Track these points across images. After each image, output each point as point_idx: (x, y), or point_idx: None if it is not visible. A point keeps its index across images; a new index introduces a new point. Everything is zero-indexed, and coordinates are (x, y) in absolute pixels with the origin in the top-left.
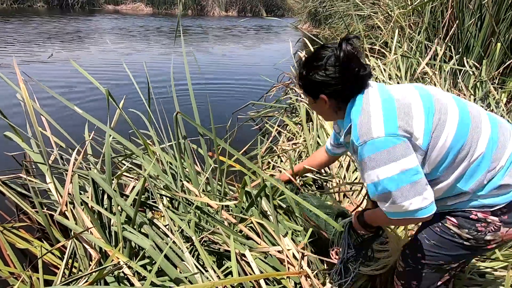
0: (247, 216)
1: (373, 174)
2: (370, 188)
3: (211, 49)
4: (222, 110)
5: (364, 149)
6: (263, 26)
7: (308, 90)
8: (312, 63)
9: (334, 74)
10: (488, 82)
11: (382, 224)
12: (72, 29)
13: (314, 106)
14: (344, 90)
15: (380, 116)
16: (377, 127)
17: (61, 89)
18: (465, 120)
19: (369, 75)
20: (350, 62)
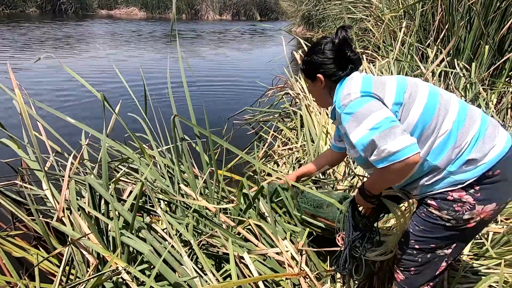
0: (245, 218)
1: (358, 130)
2: (358, 146)
3: (205, 53)
4: (217, 115)
5: (345, 111)
6: (257, 30)
7: (308, 72)
8: (313, 49)
9: (330, 55)
10: (477, 83)
11: (379, 185)
12: (64, 35)
13: (312, 89)
14: (337, 71)
15: (358, 84)
16: (354, 91)
17: (55, 92)
18: (433, 101)
19: (358, 59)
20: (343, 46)
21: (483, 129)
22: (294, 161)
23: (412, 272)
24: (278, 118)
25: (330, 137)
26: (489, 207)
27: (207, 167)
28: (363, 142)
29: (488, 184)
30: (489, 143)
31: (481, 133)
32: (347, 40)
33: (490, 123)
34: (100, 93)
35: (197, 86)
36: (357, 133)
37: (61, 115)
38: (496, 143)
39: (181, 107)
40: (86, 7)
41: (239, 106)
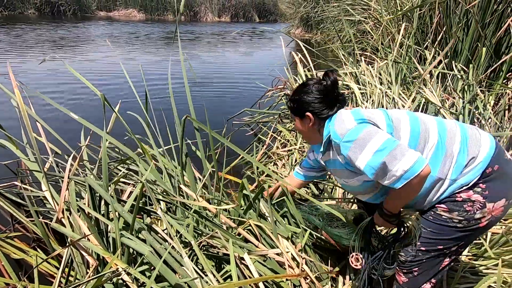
0: (245, 219)
1: (363, 155)
2: (368, 170)
3: (204, 55)
4: (216, 116)
5: (345, 140)
6: (256, 31)
7: (296, 110)
8: (301, 89)
9: (318, 95)
10: (475, 85)
11: (399, 203)
12: (62, 36)
13: (301, 127)
14: (325, 109)
15: (350, 115)
16: (349, 121)
17: (55, 94)
18: (415, 122)
19: (344, 100)
20: (332, 87)
21: (465, 135)
22: (294, 163)
23: (416, 273)
24: (278, 119)
25: None
26: (500, 203)
27: (208, 168)
28: (372, 165)
29: (492, 180)
30: (476, 145)
31: (465, 138)
32: (336, 82)
33: (468, 128)
34: (100, 93)
35: (196, 87)
36: (363, 158)
37: (64, 110)
38: (482, 142)
39: (181, 108)
40: (85, 9)
41: (238, 108)
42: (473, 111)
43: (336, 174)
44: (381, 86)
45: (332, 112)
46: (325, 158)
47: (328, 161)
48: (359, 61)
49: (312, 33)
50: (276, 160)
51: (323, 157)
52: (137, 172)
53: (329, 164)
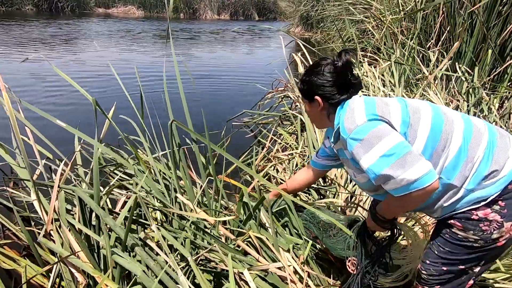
0: (245, 230)
1: (368, 157)
2: (370, 173)
3: (203, 54)
4: (216, 117)
5: (352, 137)
6: (256, 30)
7: (305, 93)
8: (312, 70)
9: (330, 78)
10: (480, 88)
11: (395, 211)
12: (57, 33)
13: (310, 110)
14: (336, 94)
15: (362, 108)
16: (360, 116)
17: (47, 93)
18: (438, 118)
19: (359, 84)
20: (344, 69)
21: (493, 141)
22: (294, 167)
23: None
24: (278, 122)
25: None
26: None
27: (205, 173)
28: (375, 170)
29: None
30: (503, 155)
31: (492, 146)
32: (351, 64)
33: (499, 134)
34: (92, 98)
35: (195, 87)
36: (367, 159)
37: (50, 117)
38: (510, 154)
39: (178, 110)
40: (83, 6)
41: (238, 109)
42: (478, 114)
43: (346, 165)
44: (384, 88)
45: (343, 97)
46: (337, 146)
47: (340, 150)
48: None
49: (312, 32)
50: (277, 164)
51: (335, 145)
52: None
53: (341, 153)
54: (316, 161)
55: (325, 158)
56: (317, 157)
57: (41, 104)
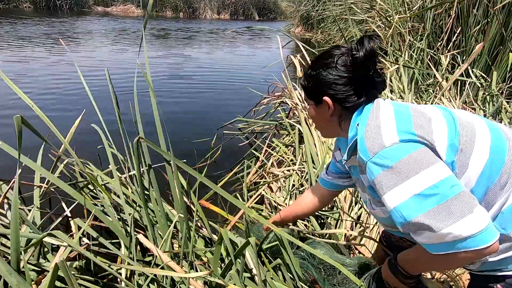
0: (223, 283)
1: (396, 194)
2: (396, 215)
3: (198, 54)
4: (207, 123)
5: (375, 163)
6: (255, 30)
7: (311, 92)
8: (321, 61)
9: (345, 73)
10: (499, 95)
11: (425, 268)
12: (47, 32)
13: (315, 115)
14: (352, 95)
15: (392, 121)
16: (388, 133)
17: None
18: (499, 140)
19: (383, 83)
20: (366, 63)
21: None
22: (291, 187)
23: None
24: (274, 131)
25: None
26: None
27: (181, 201)
28: (405, 214)
29: None
30: None
31: None
32: (375, 54)
33: None
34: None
35: (185, 91)
36: (395, 196)
37: None
38: None
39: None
40: (82, 4)
41: (231, 114)
42: None
43: (360, 188)
44: (391, 94)
45: (362, 100)
46: (350, 163)
47: (353, 168)
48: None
49: (313, 32)
50: (271, 182)
51: (347, 162)
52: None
53: (354, 172)
54: (326, 179)
55: (337, 176)
56: (327, 174)
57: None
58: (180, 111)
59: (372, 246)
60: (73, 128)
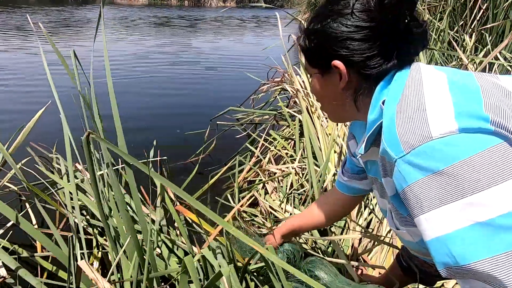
0: None
1: (441, 219)
2: (436, 250)
3: (196, 42)
4: (201, 113)
5: (412, 164)
6: (260, 17)
7: (315, 55)
8: (330, 7)
9: (365, 22)
10: None
11: None
12: (41, 21)
13: (321, 88)
14: (375, 56)
15: (447, 99)
16: (441, 117)
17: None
18: None
19: (423, 38)
20: (400, 4)
21: None
22: (288, 189)
23: None
24: (272, 122)
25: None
26: None
27: (157, 207)
28: (457, 250)
29: None
30: None
31: None
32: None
33: None
34: None
35: (182, 79)
36: (443, 220)
37: None
38: None
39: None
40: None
41: (228, 103)
42: None
43: (377, 191)
44: None
45: (390, 65)
46: (367, 156)
47: (371, 163)
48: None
49: None
50: (267, 181)
51: (364, 156)
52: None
53: (372, 169)
54: (342, 181)
55: (355, 176)
56: (343, 174)
57: None
58: (173, 101)
59: (383, 259)
60: (31, 122)
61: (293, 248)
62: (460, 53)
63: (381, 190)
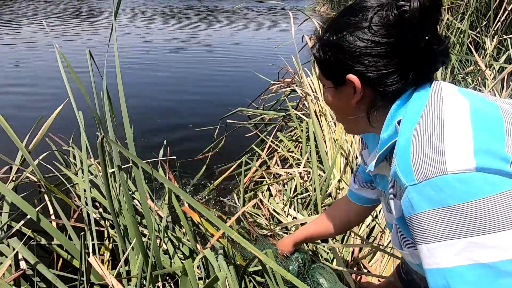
0: None
1: (444, 252)
2: (435, 281)
3: (213, 37)
4: (210, 111)
5: (422, 194)
6: (278, 9)
7: (329, 68)
8: (346, 19)
9: (384, 37)
10: None
11: None
12: (47, 10)
13: (334, 101)
14: (392, 74)
15: (467, 131)
16: (459, 151)
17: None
18: None
19: (444, 55)
20: (422, 20)
21: None
22: (292, 192)
23: None
24: (281, 123)
25: (354, 165)
26: None
27: (162, 205)
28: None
29: None
30: None
31: None
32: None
33: None
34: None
35: (195, 74)
36: (446, 254)
37: None
38: None
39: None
40: None
41: (240, 100)
42: None
43: (384, 204)
44: None
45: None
46: (378, 171)
47: (381, 177)
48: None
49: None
50: (271, 183)
51: (374, 170)
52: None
53: (381, 182)
54: (354, 190)
55: (367, 185)
56: (355, 183)
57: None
58: (184, 97)
59: (383, 267)
60: (50, 119)
61: (304, 257)
62: (477, 58)
63: (388, 205)
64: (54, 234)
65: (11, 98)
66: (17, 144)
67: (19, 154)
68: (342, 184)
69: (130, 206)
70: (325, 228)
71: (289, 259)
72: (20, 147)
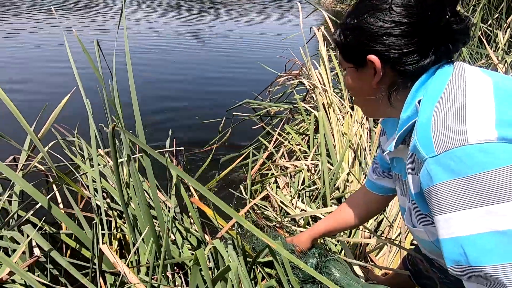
0: None
1: (461, 221)
2: (450, 249)
3: (214, 26)
4: (217, 103)
5: (441, 165)
6: (282, 1)
7: (350, 50)
8: (368, 2)
9: (404, 17)
10: None
11: None
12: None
13: (354, 83)
14: (413, 53)
15: (489, 105)
16: (480, 123)
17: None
18: None
19: (465, 34)
20: (441, 1)
21: None
22: (299, 185)
23: None
24: (288, 115)
25: (363, 159)
26: None
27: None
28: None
29: None
30: None
31: None
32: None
33: None
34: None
35: (197, 67)
36: (463, 222)
37: None
38: None
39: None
40: None
41: (245, 90)
42: None
43: (398, 188)
44: None
45: (427, 63)
46: (395, 153)
47: (398, 160)
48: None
49: (345, 4)
50: (279, 176)
51: (391, 153)
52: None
53: (398, 165)
54: (372, 179)
55: (385, 174)
56: (373, 173)
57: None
58: (191, 88)
59: (391, 260)
60: (58, 108)
61: (320, 252)
62: (489, 51)
63: (402, 187)
64: (66, 222)
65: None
66: (27, 131)
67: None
68: (351, 177)
69: (144, 196)
70: (344, 220)
71: (307, 256)
72: (30, 134)
